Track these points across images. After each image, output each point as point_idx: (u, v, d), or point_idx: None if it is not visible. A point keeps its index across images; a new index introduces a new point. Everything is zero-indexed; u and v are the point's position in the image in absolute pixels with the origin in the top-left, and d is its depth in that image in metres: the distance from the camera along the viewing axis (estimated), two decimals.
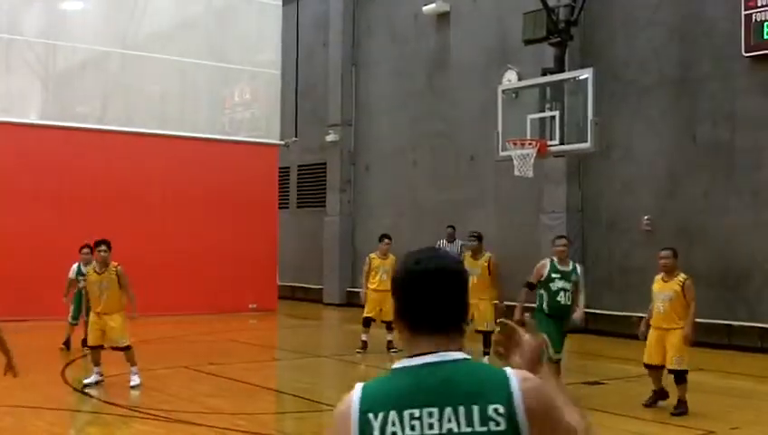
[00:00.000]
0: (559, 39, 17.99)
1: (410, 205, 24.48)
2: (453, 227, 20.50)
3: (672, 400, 11.05)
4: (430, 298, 2.61)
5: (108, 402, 11.26)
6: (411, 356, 2.61)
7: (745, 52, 16.90)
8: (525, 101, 17.52)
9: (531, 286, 12.28)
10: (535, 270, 12.31)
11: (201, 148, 23.51)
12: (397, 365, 2.61)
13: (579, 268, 12.40)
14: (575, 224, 20.04)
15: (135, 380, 12.32)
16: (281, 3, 25.71)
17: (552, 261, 12.15)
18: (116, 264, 12.72)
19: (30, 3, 23.19)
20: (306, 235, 27.91)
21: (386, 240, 16.84)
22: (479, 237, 14.90)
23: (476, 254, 14.72)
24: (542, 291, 12.09)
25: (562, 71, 17.67)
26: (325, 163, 27.72)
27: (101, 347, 12.51)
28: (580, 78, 16.43)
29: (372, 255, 16.86)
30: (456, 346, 2.60)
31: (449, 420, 2.49)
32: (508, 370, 2.58)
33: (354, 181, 27.01)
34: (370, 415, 2.53)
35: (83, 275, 14.24)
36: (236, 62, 25.25)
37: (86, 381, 12.26)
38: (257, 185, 24.28)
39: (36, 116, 22.85)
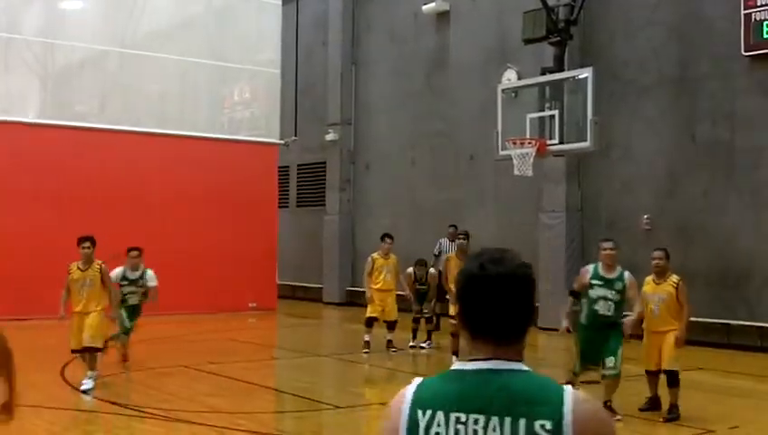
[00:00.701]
0: (558, 38, 17.99)
1: (410, 204, 24.48)
2: (455, 227, 20.48)
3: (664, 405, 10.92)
4: (492, 305, 2.56)
5: (107, 401, 11.25)
6: (470, 360, 2.59)
7: (745, 51, 16.90)
8: (525, 100, 17.53)
9: (574, 295, 11.41)
10: (578, 276, 11.56)
11: (201, 147, 23.51)
12: (454, 367, 2.60)
13: (627, 276, 11.12)
14: (574, 223, 20.05)
15: (88, 384, 11.85)
16: (280, 2, 25.70)
17: (595, 266, 11.14)
18: (100, 261, 12.47)
19: (29, 2, 23.18)
20: (306, 234, 27.91)
21: (387, 240, 16.81)
22: (468, 236, 14.96)
23: (465, 254, 14.53)
24: (584, 299, 11.12)
25: (562, 70, 17.67)
26: (325, 162, 27.72)
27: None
28: (580, 77, 16.44)
29: (375, 255, 16.83)
30: (515, 356, 2.57)
31: (494, 430, 2.47)
32: (567, 388, 2.54)
33: (354, 180, 27.01)
34: (419, 412, 2.54)
35: (129, 280, 14.08)
36: (236, 62, 25.24)
37: (85, 388, 11.83)
38: (257, 184, 24.27)
39: (35, 115, 22.83)
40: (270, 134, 25.36)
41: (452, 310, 14.06)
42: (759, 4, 16.63)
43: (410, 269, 16.89)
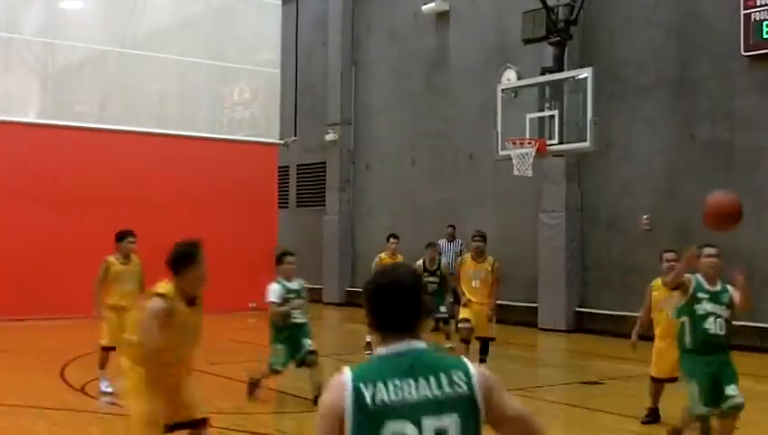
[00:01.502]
0: (558, 38, 17.99)
1: (409, 204, 24.49)
2: (453, 227, 20.50)
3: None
4: (395, 306, 3.34)
5: (108, 402, 11.24)
6: (387, 347, 3.32)
7: (744, 51, 16.91)
8: (524, 100, 17.53)
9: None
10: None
11: (200, 147, 23.50)
12: (377, 353, 3.31)
13: (730, 290, 9.05)
14: (574, 223, 20.06)
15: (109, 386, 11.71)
16: (280, 2, 25.71)
17: (696, 278, 9.01)
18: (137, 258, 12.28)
19: (29, 2, 23.18)
20: (305, 234, 27.91)
21: (393, 240, 16.77)
22: (485, 238, 14.17)
23: (480, 256, 13.89)
24: (685, 317, 8.87)
25: (562, 70, 17.67)
26: (324, 162, 27.73)
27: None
28: (580, 77, 16.45)
29: (382, 255, 16.68)
30: (416, 338, 3.32)
31: (424, 388, 3.19)
32: (463, 357, 3.39)
33: (353, 180, 27.02)
34: (362, 385, 3.19)
35: (295, 291, 12.11)
36: (236, 62, 25.24)
37: (108, 390, 11.58)
38: (256, 184, 24.27)
39: (35, 115, 22.84)
40: (270, 134, 25.36)
41: (463, 313, 13.66)
42: (759, 4, 16.64)
43: (419, 262, 16.27)
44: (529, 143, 16.62)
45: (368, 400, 3.15)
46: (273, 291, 11.72)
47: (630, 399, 11.71)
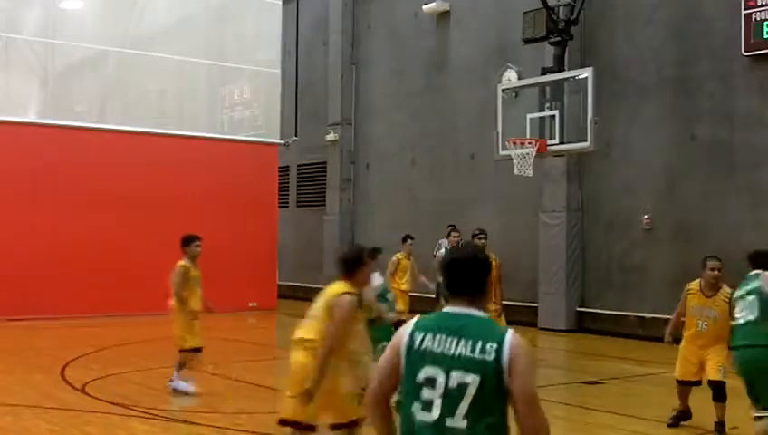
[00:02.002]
0: (559, 38, 17.97)
1: (410, 204, 24.48)
2: (453, 226, 20.45)
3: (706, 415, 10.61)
4: (461, 276, 3.98)
5: (107, 402, 11.24)
6: (449, 307, 3.94)
7: (745, 51, 16.91)
8: (525, 100, 17.51)
9: None
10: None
11: (201, 147, 23.50)
12: (443, 311, 3.95)
13: None
14: (575, 223, 20.05)
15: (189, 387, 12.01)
16: (281, 1, 25.72)
17: None
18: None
19: (29, 2, 23.17)
20: (306, 234, 27.91)
21: (410, 241, 16.68)
22: (486, 234, 14.06)
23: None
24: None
25: (562, 70, 17.65)
26: (325, 162, 27.73)
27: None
28: (580, 77, 16.42)
29: (399, 255, 16.44)
30: (475, 307, 3.90)
31: (461, 346, 3.77)
32: (510, 330, 3.83)
33: (354, 180, 27.02)
34: (416, 333, 3.90)
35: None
36: (236, 61, 25.25)
37: (190, 390, 11.82)
38: (257, 184, 24.27)
39: (35, 115, 22.84)
40: (270, 134, 25.37)
41: None
42: (759, 4, 16.63)
43: (441, 251, 15.98)
44: (529, 143, 16.60)
45: (416, 344, 3.86)
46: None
47: (631, 398, 11.71)
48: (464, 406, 3.69)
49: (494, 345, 3.72)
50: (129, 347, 16.58)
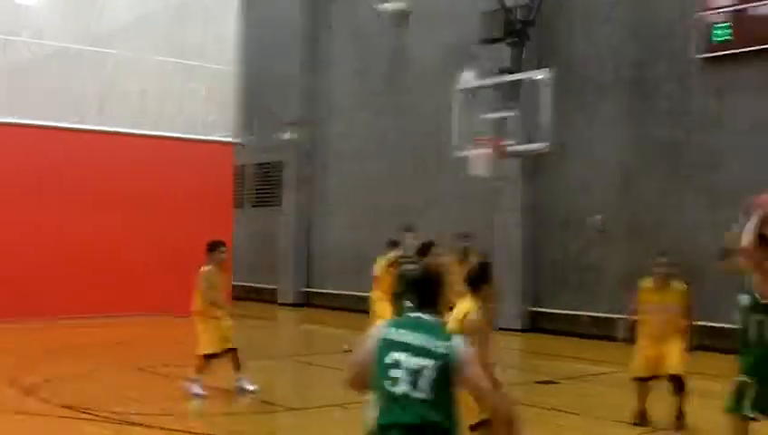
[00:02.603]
0: (516, 39, 18.04)
1: (368, 204, 24.42)
2: (411, 226, 20.42)
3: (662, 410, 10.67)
4: (416, 290, 5.02)
5: (59, 405, 11.08)
6: (409, 313, 4.97)
7: (700, 53, 17.05)
8: (482, 100, 17.53)
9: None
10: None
11: (156, 145, 23.24)
12: (405, 314, 5.00)
13: None
14: (530, 223, 20.10)
15: (250, 386, 12.13)
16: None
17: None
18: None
19: None
20: (261, 234, 27.76)
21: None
22: (470, 238, 13.92)
23: (468, 257, 13.47)
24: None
25: (519, 71, 17.71)
26: (282, 162, 27.59)
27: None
28: (537, 78, 16.47)
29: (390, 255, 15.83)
30: (426, 312, 4.91)
31: (419, 338, 4.76)
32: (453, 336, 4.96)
33: (311, 180, 26.91)
34: (386, 329, 4.93)
35: None
36: (193, 59, 25.01)
37: (201, 393, 11.80)
38: (212, 183, 24.05)
39: None
40: (226, 133, 25.16)
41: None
42: (714, 7, 16.78)
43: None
44: (487, 143, 16.62)
45: (386, 336, 4.86)
46: None
47: (585, 398, 11.74)
48: (423, 382, 4.70)
49: (447, 344, 4.77)
50: (81, 349, 16.38)
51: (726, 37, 16.68)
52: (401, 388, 4.74)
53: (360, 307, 22.38)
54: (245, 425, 11.10)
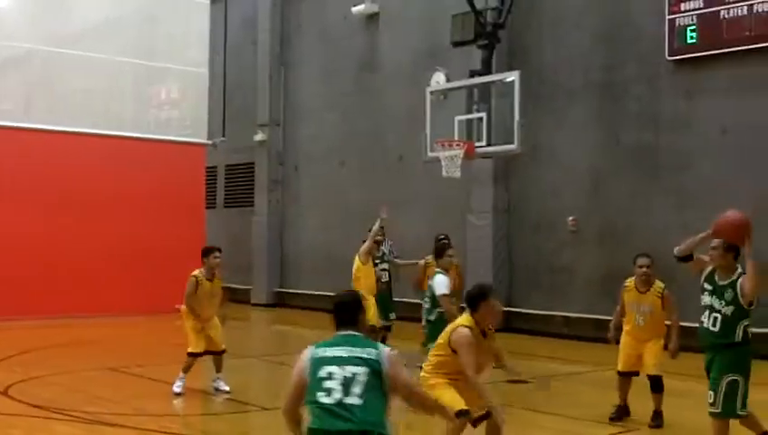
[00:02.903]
0: (486, 42, 18.13)
1: (339, 205, 24.46)
2: (382, 228, 20.46)
3: (639, 410, 10.79)
4: (342, 312, 5.69)
5: (30, 405, 11.06)
6: (342, 331, 5.59)
7: (669, 56, 17.20)
8: (453, 102, 17.62)
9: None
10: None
11: (127, 146, 23.21)
12: (337, 334, 5.55)
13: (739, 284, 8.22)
14: (502, 224, 20.21)
15: (225, 386, 12.22)
16: (209, 1, 25.50)
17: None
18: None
19: None
20: (234, 235, 27.72)
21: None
22: (449, 240, 13.87)
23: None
24: None
25: (490, 73, 17.80)
26: (253, 163, 27.60)
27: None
28: (507, 80, 16.57)
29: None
30: (355, 330, 5.56)
31: (348, 351, 5.34)
32: (378, 344, 5.67)
33: (283, 181, 26.93)
34: (316, 350, 5.42)
35: None
36: (163, 61, 24.97)
37: (178, 390, 11.94)
38: (184, 184, 24.04)
39: None
40: (197, 134, 25.14)
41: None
42: (683, 9, 16.93)
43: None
44: (457, 145, 16.71)
45: (318, 355, 5.37)
46: (443, 282, 11.35)
47: (558, 397, 11.83)
48: (356, 388, 5.20)
49: (374, 350, 5.42)
50: (53, 350, 16.34)
51: (695, 40, 16.85)
52: (335, 396, 5.19)
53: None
54: (219, 425, 11.13)
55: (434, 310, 11.26)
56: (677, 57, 17.14)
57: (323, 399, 5.19)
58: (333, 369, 5.25)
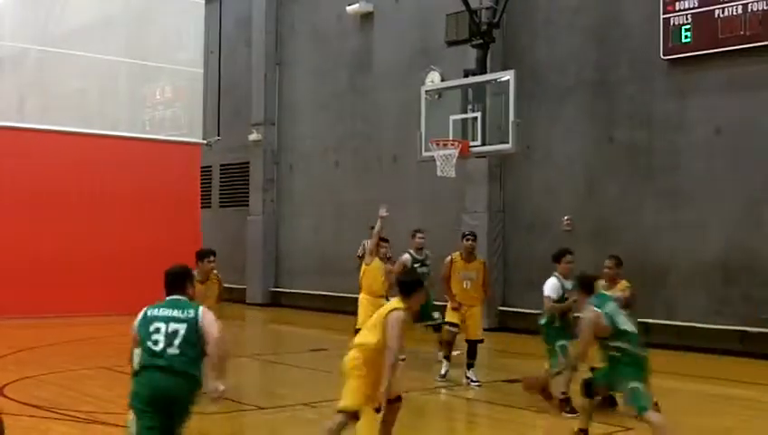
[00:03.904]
0: (481, 41, 18.13)
1: (333, 205, 24.48)
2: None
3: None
4: (171, 281, 7.16)
5: (24, 404, 11.06)
6: (170, 296, 7.02)
7: (663, 55, 17.23)
8: (448, 101, 17.60)
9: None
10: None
11: (122, 146, 23.21)
12: (168, 298, 6.97)
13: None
14: (497, 224, 20.23)
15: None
16: (203, 1, 25.50)
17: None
18: (217, 273, 12.44)
19: None
20: (229, 234, 27.73)
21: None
22: (476, 237, 13.98)
23: (470, 256, 13.62)
24: None
25: (484, 72, 17.80)
26: (248, 162, 27.60)
27: None
28: (502, 80, 16.56)
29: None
30: (180, 294, 6.99)
31: (172, 311, 6.76)
32: (201, 306, 6.89)
33: (277, 181, 26.94)
34: (147, 310, 6.88)
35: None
36: (158, 61, 24.97)
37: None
38: (179, 184, 24.04)
39: None
40: (192, 134, 25.14)
41: (452, 316, 13.33)
42: (677, 9, 16.96)
43: (406, 256, 15.20)
44: (452, 144, 16.69)
45: (147, 315, 6.81)
46: (552, 286, 11.48)
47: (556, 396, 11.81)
48: (177, 341, 6.57)
49: (193, 311, 6.75)
50: (48, 349, 16.33)
51: (689, 39, 16.88)
52: (160, 346, 6.56)
53: (328, 306, 22.46)
54: (213, 424, 11.12)
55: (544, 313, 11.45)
56: (672, 56, 17.18)
57: (152, 347, 6.57)
58: (160, 325, 6.64)
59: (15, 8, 23.51)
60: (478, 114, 16.84)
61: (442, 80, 18.61)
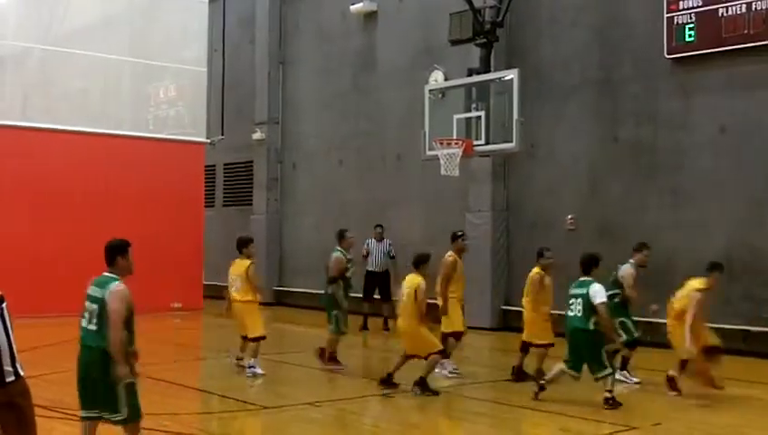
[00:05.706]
0: (485, 40, 18.14)
1: (337, 204, 24.48)
2: (381, 226, 20.53)
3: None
4: (105, 255, 7.78)
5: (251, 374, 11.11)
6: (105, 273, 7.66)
7: (667, 54, 17.22)
8: (451, 100, 17.62)
9: None
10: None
11: (125, 145, 23.22)
12: (102, 274, 7.67)
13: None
14: (500, 223, 20.23)
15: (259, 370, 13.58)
16: None
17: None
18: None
19: None
20: (232, 233, 27.60)
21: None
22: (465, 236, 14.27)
23: (463, 252, 14.13)
24: None
25: (488, 71, 17.81)
26: (252, 161, 27.61)
27: None
28: (506, 78, 16.57)
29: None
30: (110, 272, 7.67)
31: (96, 291, 7.47)
32: (117, 282, 7.53)
33: (281, 180, 26.94)
34: (89, 287, 7.58)
35: None
36: (162, 59, 24.97)
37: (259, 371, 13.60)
38: (183, 183, 24.06)
39: None
40: (196, 133, 25.15)
41: (453, 323, 13.55)
42: (681, 7, 16.96)
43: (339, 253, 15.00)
44: (456, 143, 16.71)
45: (88, 291, 7.51)
46: (601, 291, 12.27)
47: (554, 395, 11.83)
48: (94, 319, 7.38)
49: (105, 290, 7.35)
50: (51, 348, 16.34)
51: (693, 38, 16.87)
52: (84, 323, 7.47)
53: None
54: (217, 424, 11.14)
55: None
56: (676, 55, 17.16)
57: (83, 323, 7.51)
58: (87, 304, 7.48)
59: (19, 7, 23.51)
60: (482, 113, 16.85)
61: (446, 79, 18.58)
